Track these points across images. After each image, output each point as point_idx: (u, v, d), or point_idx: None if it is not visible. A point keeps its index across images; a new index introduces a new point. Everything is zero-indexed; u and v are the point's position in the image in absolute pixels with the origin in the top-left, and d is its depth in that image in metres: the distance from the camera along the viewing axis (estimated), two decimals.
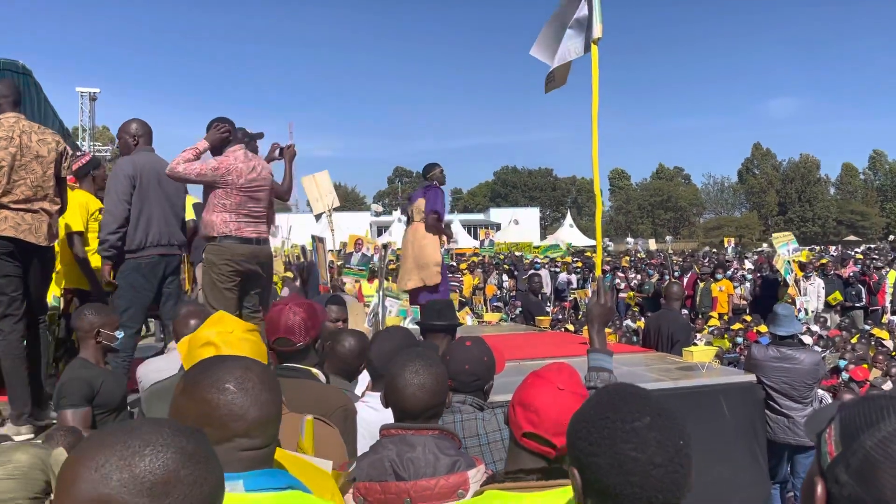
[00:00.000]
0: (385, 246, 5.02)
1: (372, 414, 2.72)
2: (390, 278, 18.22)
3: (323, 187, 11.41)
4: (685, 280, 15.52)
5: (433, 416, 2.09)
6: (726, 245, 26.52)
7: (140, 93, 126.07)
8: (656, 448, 1.15)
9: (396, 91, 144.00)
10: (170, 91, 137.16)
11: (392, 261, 26.94)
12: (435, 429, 2.06)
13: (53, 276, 4.60)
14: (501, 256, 25.65)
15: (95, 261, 5.24)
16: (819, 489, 1.00)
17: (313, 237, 10.89)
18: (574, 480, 1.19)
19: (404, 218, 7.34)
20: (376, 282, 17.40)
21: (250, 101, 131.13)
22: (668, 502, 1.15)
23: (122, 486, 0.98)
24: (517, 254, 27.79)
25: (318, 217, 11.61)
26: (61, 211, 4.15)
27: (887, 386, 6.98)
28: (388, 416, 2.16)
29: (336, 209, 11.78)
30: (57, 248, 4.45)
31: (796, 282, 13.83)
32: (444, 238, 6.89)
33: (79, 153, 5.11)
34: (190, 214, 6.19)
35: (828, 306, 14.30)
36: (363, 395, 3.09)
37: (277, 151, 5.07)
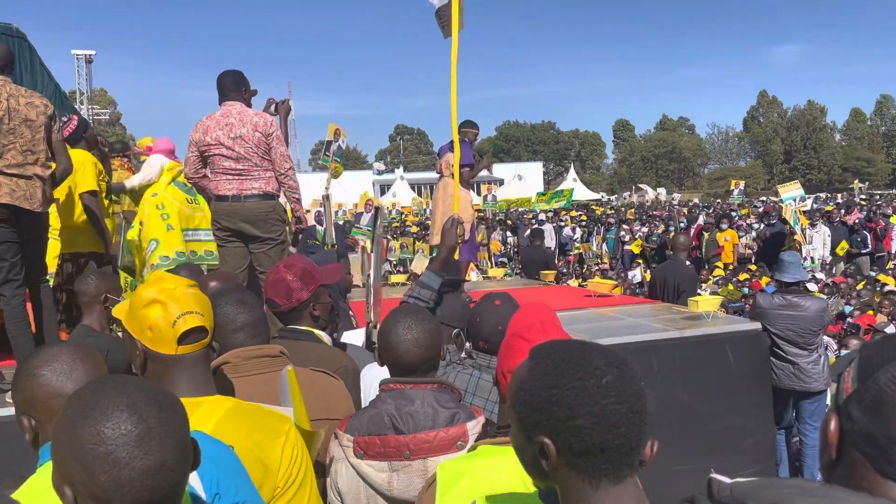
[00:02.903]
0: (377, 209, 4.96)
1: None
2: (394, 237, 18.21)
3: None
4: (691, 231, 15.49)
5: (429, 369, 2.10)
6: (733, 187, 25.84)
7: (136, 54, 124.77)
8: (633, 397, 1.12)
9: (396, 47, 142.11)
10: (167, 51, 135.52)
11: (395, 219, 26.90)
12: (433, 382, 2.07)
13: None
14: (502, 215, 25.50)
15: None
16: (832, 425, 1.01)
17: (323, 196, 10.82)
18: (546, 449, 1.13)
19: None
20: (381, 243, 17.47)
21: (248, 60, 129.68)
22: (644, 443, 1.14)
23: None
24: (520, 209, 27.69)
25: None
26: (66, 172, 4.12)
27: (889, 329, 6.99)
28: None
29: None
30: (53, 212, 4.43)
31: (802, 230, 13.78)
32: (489, 168, 7.37)
33: (64, 118, 5.06)
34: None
35: (835, 255, 14.25)
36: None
37: (273, 107, 5.00)
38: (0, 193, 3.69)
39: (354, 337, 3.64)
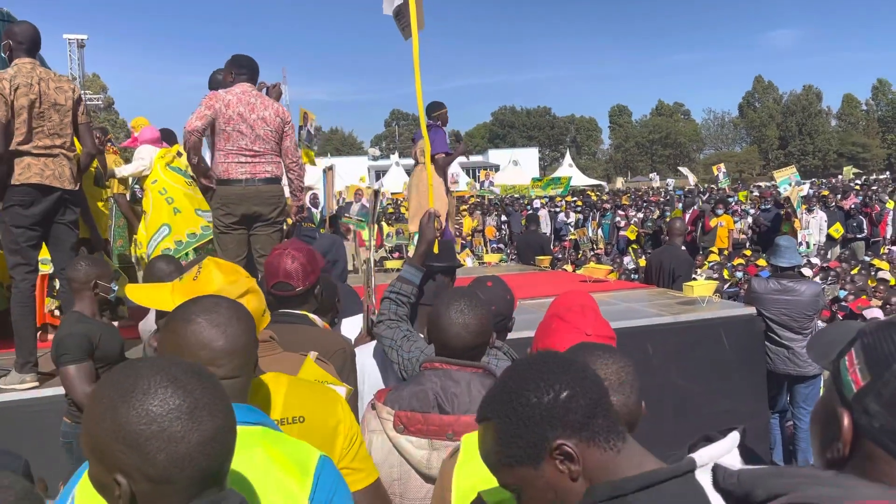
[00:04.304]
0: (376, 192, 4.98)
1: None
2: (389, 223, 18.20)
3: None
4: (687, 216, 15.48)
5: (476, 356, 2.09)
6: (716, 172, 25.38)
7: (129, 38, 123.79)
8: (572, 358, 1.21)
9: (391, 32, 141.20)
10: (160, 36, 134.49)
11: (390, 204, 26.91)
12: (478, 367, 2.05)
13: None
14: (498, 201, 25.39)
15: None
16: (846, 421, 0.95)
17: (324, 169, 10.75)
18: (568, 448, 1.10)
19: (412, 162, 7.28)
20: (374, 226, 17.44)
21: (243, 45, 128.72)
22: None
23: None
24: (516, 196, 27.56)
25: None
26: (91, 156, 4.14)
27: (875, 312, 6.95)
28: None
29: (334, 154, 11.63)
30: None
31: (797, 215, 13.79)
32: (466, 155, 7.24)
33: None
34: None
35: (830, 239, 14.27)
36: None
37: (264, 90, 4.99)
38: (30, 174, 3.70)
39: (353, 323, 3.62)
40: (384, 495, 1.82)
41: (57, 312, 5.13)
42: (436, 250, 3.16)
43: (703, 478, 1.04)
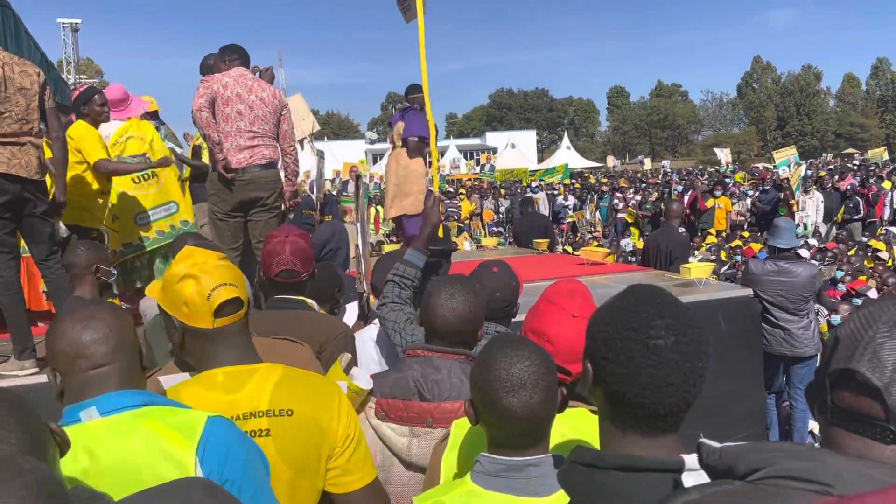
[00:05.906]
0: (358, 177, 4.96)
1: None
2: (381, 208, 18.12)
3: (299, 111, 11.02)
4: (685, 199, 15.45)
5: (461, 342, 2.07)
6: (726, 159, 25.51)
7: (123, 22, 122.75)
8: (674, 368, 1.11)
9: (388, 15, 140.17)
10: (155, 19, 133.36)
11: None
12: (461, 353, 2.05)
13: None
14: (491, 182, 25.36)
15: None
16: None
17: (319, 151, 10.64)
18: (586, 371, 1.19)
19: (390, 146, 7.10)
20: (373, 209, 17.46)
21: (238, 28, 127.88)
22: (674, 413, 1.14)
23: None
24: (513, 180, 27.56)
25: (300, 143, 11.38)
26: (60, 140, 4.06)
27: (872, 294, 6.99)
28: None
29: (331, 138, 11.59)
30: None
31: (794, 197, 13.78)
32: (429, 164, 6.33)
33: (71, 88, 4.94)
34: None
35: (833, 222, 14.25)
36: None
37: (257, 74, 4.97)
38: None
39: (355, 308, 3.63)
40: (381, 495, 1.79)
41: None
42: (440, 234, 3.16)
43: (690, 481, 1.05)
